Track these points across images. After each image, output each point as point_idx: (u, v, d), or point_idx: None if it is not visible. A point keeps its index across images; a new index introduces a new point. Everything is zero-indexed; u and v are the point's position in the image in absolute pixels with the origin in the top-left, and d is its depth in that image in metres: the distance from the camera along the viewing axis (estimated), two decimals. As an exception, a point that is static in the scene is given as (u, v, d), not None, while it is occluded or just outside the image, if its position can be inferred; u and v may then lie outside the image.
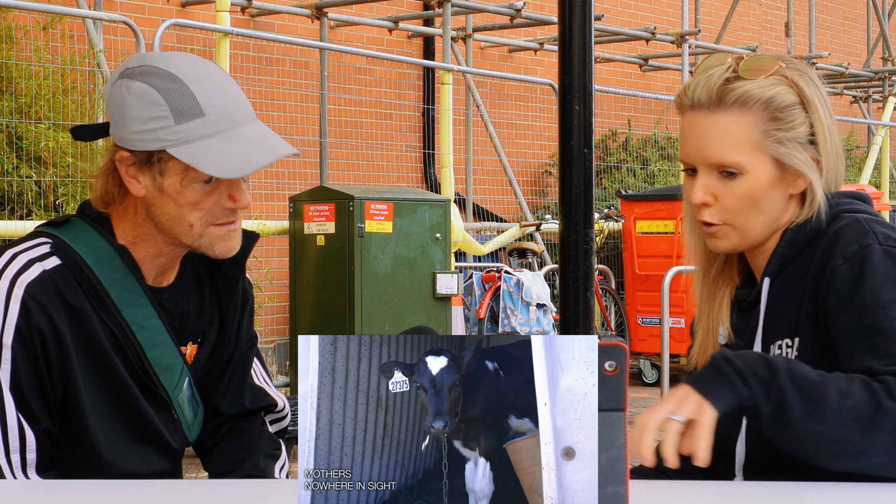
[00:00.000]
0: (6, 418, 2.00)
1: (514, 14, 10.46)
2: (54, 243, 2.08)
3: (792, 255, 1.99)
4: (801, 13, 14.09)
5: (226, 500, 1.75)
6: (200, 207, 2.06)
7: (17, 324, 2.00)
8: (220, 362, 2.28)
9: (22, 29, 7.17)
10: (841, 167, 2.03)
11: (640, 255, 9.43)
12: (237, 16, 9.35)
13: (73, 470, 2.08)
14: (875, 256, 1.87)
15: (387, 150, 10.38)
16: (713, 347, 2.08)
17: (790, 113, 1.98)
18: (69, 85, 6.93)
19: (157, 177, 2.06)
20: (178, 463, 2.23)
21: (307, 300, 7.42)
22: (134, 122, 2.03)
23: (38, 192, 6.55)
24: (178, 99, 2.02)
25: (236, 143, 2.03)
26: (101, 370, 2.08)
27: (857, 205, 2.01)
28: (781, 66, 1.99)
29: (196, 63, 2.08)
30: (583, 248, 3.27)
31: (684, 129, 2.02)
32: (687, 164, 2.03)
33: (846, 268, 1.89)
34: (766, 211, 1.99)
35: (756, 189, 1.98)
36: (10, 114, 6.58)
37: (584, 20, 3.26)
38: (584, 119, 3.26)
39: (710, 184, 2.00)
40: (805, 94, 1.99)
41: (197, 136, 2.02)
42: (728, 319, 2.07)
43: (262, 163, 2.04)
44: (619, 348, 1.37)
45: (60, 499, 1.76)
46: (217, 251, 2.11)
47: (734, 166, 1.97)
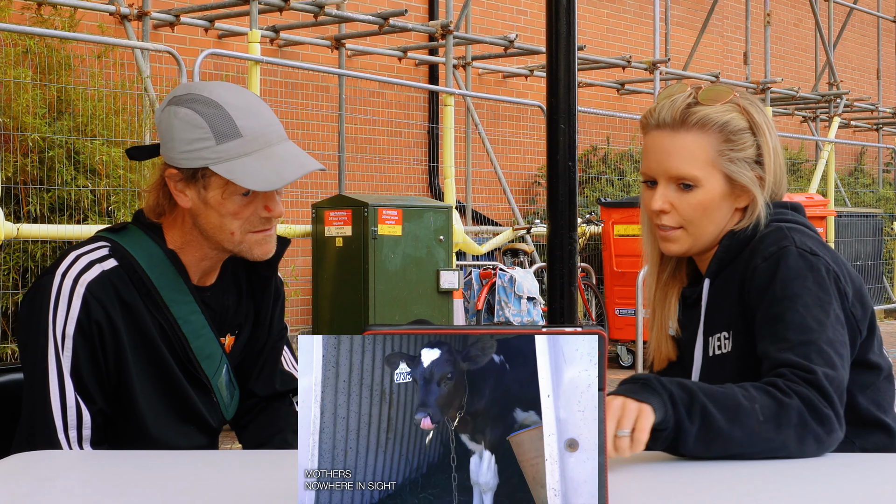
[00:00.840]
0: (66, 399, 2.01)
1: (507, 45, 10.46)
2: (112, 247, 2.09)
3: (728, 258, 2.00)
4: (757, 44, 14.07)
5: (255, 468, 1.75)
6: (240, 217, 2.08)
7: (78, 317, 2.02)
8: (255, 350, 2.28)
9: (79, 58, 7.17)
10: (783, 183, 2.05)
11: (618, 255, 9.42)
12: (266, 46, 9.35)
13: (124, 445, 2.09)
14: (790, 256, 1.88)
15: (397, 163, 10.37)
16: (666, 342, 2.09)
17: (741, 136, 1.99)
18: (120, 107, 6.93)
19: (202, 190, 2.07)
20: (215, 439, 2.24)
21: (327, 294, 7.41)
22: (181, 143, 2.05)
23: (92, 199, 6.55)
24: (219, 122, 2.03)
25: (270, 161, 2.04)
26: (150, 359, 2.09)
27: (790, 214, 2.02)
28: (735, 96, 2.01)
29: (234, 91, 2.09)
30: (567, 248, 3.27)
31: (648, 145, 2.03)
32: (648, 176, 2.03)
33: (764, 266, 1.90)
34: (715, 220, 2.00)
35: (709, 200, 1.99)
36: (69, 132, 6.58)
37: (568, 50, 3.26)
38: (569, 136, 3.26)
39: (668, 194, 2.01)
40: (755, 121, 2.00)
41: (235, 154, 2.03)
42: (675, 316, 2.08)
43: (293, 177, 2.04)
44: (598, 336, 1.36)
45: (111, 465, 1.76)
46: (255, 254, 2.12)
47: (691, 179, 1.98)
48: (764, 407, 1.68)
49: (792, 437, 1.68)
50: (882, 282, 13.60)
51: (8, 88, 6.48)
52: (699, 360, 2.01)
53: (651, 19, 12.18)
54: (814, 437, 1.69)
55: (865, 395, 1.95)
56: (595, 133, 12.08)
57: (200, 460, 1.85)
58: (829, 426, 1.71)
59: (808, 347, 1.78)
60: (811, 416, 1.70)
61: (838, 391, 1.76)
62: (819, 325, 1.81)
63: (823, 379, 1.74)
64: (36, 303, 2.04)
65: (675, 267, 2.12)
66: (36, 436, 2.02)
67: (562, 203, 3.26)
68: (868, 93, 16.86)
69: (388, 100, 10.34)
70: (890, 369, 1.99)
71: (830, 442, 1.72)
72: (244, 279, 2.26)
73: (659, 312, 2.10)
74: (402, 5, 9.91)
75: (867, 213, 13.30)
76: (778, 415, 1.68)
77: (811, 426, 1.69)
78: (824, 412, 1.71)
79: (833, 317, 1.83)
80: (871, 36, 17.48)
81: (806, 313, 1.82)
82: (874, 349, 1.97)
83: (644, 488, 1.52)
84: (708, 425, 1.64)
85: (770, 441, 1.67)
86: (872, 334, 1.97)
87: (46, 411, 2.00)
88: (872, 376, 1.96)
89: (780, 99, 14.12)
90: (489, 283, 8.65)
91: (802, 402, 1.70)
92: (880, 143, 16.20)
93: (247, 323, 2.26)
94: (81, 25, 7.66)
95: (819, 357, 1.77)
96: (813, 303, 1.83)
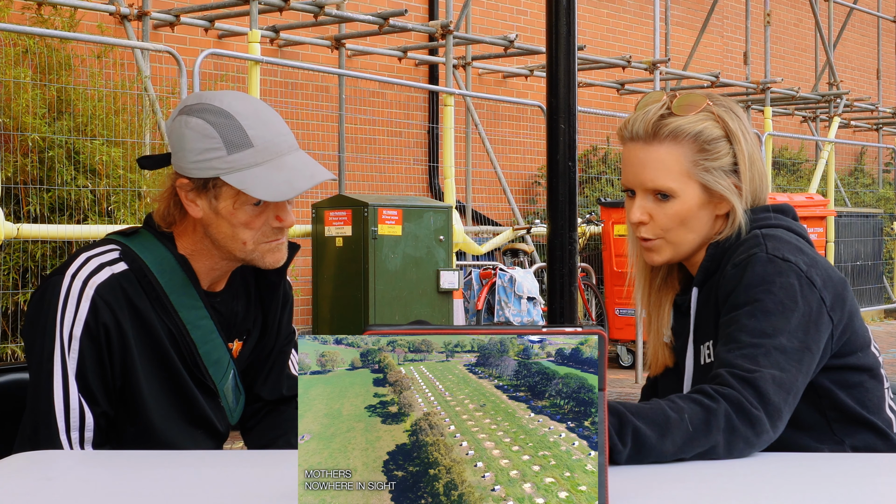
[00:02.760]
0: (69, 400, 2.01)
1: (507, 45, 10.46)
2: (123, 251, 2.09)
3: (713, 267, 1.99)
4: (757, 44, 14.08)
5: (255, 468, 1.75)
6: (251, 227, 2.07)
7: (86, 319, 2.02)
8: (262, 355, 2.28)
9: (79, 57, 7.17)
10: (763, 190, 2.02)
11: (618, 255, 9.42)
12: (266, 46, 9.35)
13: (131, 448, 2.08)
14: (757, 263, 1.88)
15: (397, 164, 10.38)
16: (663, 349, 2.09)
17: (716, 145, 1.98)
18: (120, 106, 6.93)
19: (213, 200, 2.06)
20: (221, 444, 2.23)
21: (327, 294, 7.42)
22: (192, 153, 2.04)
23: (92, 199, 6.55)
24: (230, 133, 2.02)
25: (281, 171, 2.03)
26: (158, 362, 2.09)
27: (772, 219, 2.00)
28: (709, 104, 2.00)
29: (245, 100, 2.08)
30: (567, 248, 3.27)
31: (625, 157, 2.03)
32: (627, 187, 2.03)
33: (733, 273, 1.90)
34: (695, 229, 2.00)
35: (686, 210, 1.98)
36: (69, 132, 6.58)
37: (568, 50, 3.26)
38: (569, 136, 3.26)
39: (646, 205, 2.01)
40: (730, 128, 1.99)
41: (246, 164, 2.02)
42: (669, 324, 2.08)
43: (304, 187, 2.04)
44: (598, 336, 1.36)
45: (112, 467, 1.76)
46: (266, 263, 2.12)
47: (667, 191, 1.98)
48: (692, 416, 1.68)
49: (721, 442, 1.68)
50: (882, 282, 13.61)
51: (8, 88, 6.48)
52: (690, 368, 2.01)
53: (651, 19, 12.18)
54: (742, 440, 1.70)
55: (851, 395, 1.94)
56: (595, 133, 12.08)
57: (201, 460, 1.85)
58: (758, 427, 1.70)
59: (756, 350, 1.78)
60: (739, 419, 1.70)
61: (783, 392, 1.75)
62: (775, 330, 1.80)
63: (765, 379, 1.74)
64: (44, 303, 2.04)
65: (668, 272, 2.12)
66: (38, 435, 2.02)
67: (562, 203, 3.26)
68: (868, 93, 16.87)
69: (388, 100, 10.34)
70: (878, 368, 1.99)
71: (760, 442, 1.72)
72: (253, 284, 2.26)
73: (654, 319, 2.11)
74: (402, 5, 9.92)
75: (867, 213, 13.30)
76: (707, 421, 1.68)
77: (738, 429, 1.69)
78: (753, 413, 1.70)
79: (794, 324, 1.82)
80: (871, 36, 17.49)
81: (763, 319, 1.81)
82: (857, 350, 1.95)
83: (644, 488, 1.53)
84: (640, 445, 1.63)
85: (700, 447, 1.68)
86: (855, 335, 1.95)
87: (49, 411, 2.00)
88: (858, 376, 1.95)
89: (780, 99, 14.12)
90: (489, 283, 8.65)
91: (730, 405, 1.70)
92: (880, 143, 16.20)
93: (255, 328, 2.26)
94: (81, 25, 7.67)
95: (766, 359, 1.77)
96: (774, 308, 1.82)
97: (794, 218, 2.03)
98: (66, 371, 2.00)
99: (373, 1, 10.21)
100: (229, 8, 8.67)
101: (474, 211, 10.45)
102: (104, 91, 6.87)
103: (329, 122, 9.59)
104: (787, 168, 14.57)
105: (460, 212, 9.73)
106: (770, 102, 13.15)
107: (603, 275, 9.73)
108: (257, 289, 2.26)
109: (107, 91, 6.89)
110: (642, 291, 2.13)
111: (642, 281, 2.12)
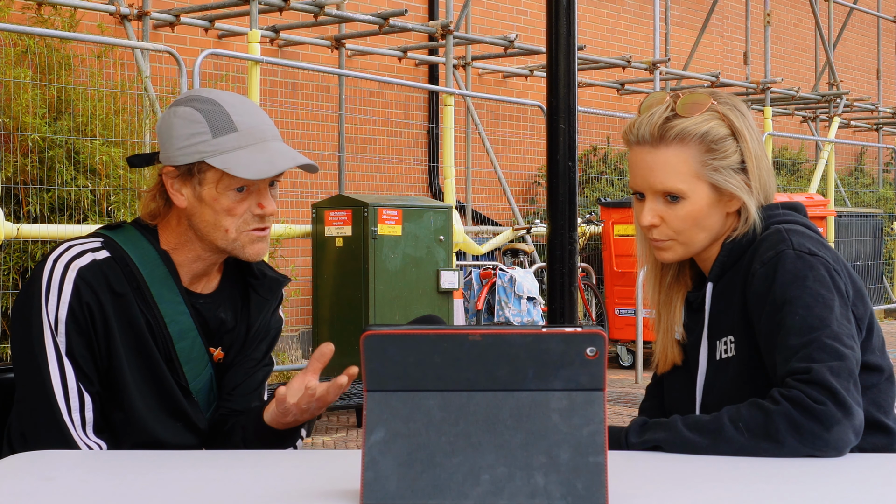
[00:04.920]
0: (67, 381, 2.03)
1: (507, 45, 10.47)
2: (106, 241, 2.15)
3: (730, 262, 2.00)
4: (757, 44, 14.08)
5: (256, 468, 1.75)
6: (234, 213, 2.11)
7: (70, 301, 2.05)
8: (240, 372, 2.27)
9: (79, 57, 7.17)
10: (771, 185, 2.03)
11: (618, 255, 9.42)
12: (266, 46, 9.35)
13: (118, 435, 2.10)
14: (787, 260, 1.89)
15: (397, 164, 10.38)
16: (672, 346, 2.09)
17: (723, 144, 1.98)
18: (120, 106, 6.93)
19: (197, 187, 2.11)
20: (201, 440, 2.22)
21: (327, 294, 7.41)
22: (179, 140, 2.11)
23: (92, 199, 6.55)
24: (216, 118, 2.09)
25: (263, 153, 2.09)
26: (139, 349, 2.12)
27: (789, 215, 2.02)
28: (714, 103, 2.00)
29: (233, 94, 2.17)
30: (567, 248, 3.27)
31: (632, 161, 2.03)
32: (636, 190, 2.03)
33: (762, 271, 1.90)
34: (706, 228, 2.01)
35: (697, 211, 1.99)
36: (69, 132, 6.58)
37: (568, 50, 3.26)
38: (569, 136, 3.26)
39: (657, 208, 2.01)
40: (735, 126, 1.99)
41: (230, 147, 2.08)
42: (681, 320, 2.08)
43: (284, 166, 2.09)
44: (598, 336, 1.35)
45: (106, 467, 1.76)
46: (248, 253, 2.15)
47: (677, 192, 1.98)
48: (750, 421, 1.72)
49: (787, 442, 1.70)
50: (882, 282, 13.61)
51: (8, 88, 6.48)
52: (704, 364, 2.01)
53: (651, 19, 12.18)
54: (810, 435, 1.70)
55: (866, 396, 1.94)
56: (595, 133, 12.08)
57: (201, 460, 1.85)
58: (826, 420, 1.70)
59: (809, 348, 1.79)
60: (802, 416, 1.70)
61: (846, 379, 1.76)
62: (821, 321, 1.81)
63: (823, 372, 1.74)
64: (30, 290, 2.08)
65: (678, 270, 2.12)
66: (40, 422, 2.03)
67: (562, 203, 3.26)
68: (868, 93, 16.87)
69: (388, 100, 10.34)
70: (891, 370, 1.99)
71: (834, 435, 1.71)
72: (242, 305, 2.26)
73: (665, 316, 2.11)
74: (402, 5, 9.91)
75: (867, 213, 13.30)
76: (764, 425, 1.71)
77: (803, 426, 1.70)
78: (816, 408, 1.71)
79: (837, 312, 1.83)
80: (871, 36, 17.49)
81: (807, 314, 1.82)
82: (875, 350, 1.97)
83: (644, 488, 1.53)
84: (691, 451, 1.73)
85: (764, 451, 1.71)
86: (872, 335, 1.97)
87: (49, 396, 2.02)
88: (873, 377, 1.96)
89: (780, 99, 14.12)
90: (489, 283, 8.65)
91: (791, 405, 1.72)
92: (880, 143, 16.20)
93: (236, 343, 2.26)
94: (81, 25, 7.66)
95: (822, 353, 1.78)
96: (814, 301, 1.83)
97: (804, 215, 2.04)
98: (60, 353, 2.04)
99: (373, 1, 10.21)
100: (229, 8, 8.67)
101: (474, 211, 10.44)
102: (104, 91, 6.87)
103: (329, 122, 9.59)
104: (787, 168, 14.57)
105: (460, 212, 9.73)
106: (770, 102, 13.15)
107: (603, 275, 9.72)
108: (246, 310, 2.26)
109: (107, 91, 6.89)
110: (653, 289, 2.13)
111: (652, 279, 2.13)
